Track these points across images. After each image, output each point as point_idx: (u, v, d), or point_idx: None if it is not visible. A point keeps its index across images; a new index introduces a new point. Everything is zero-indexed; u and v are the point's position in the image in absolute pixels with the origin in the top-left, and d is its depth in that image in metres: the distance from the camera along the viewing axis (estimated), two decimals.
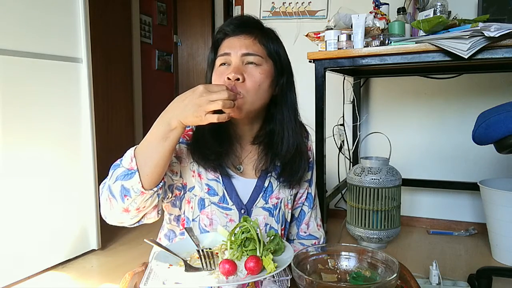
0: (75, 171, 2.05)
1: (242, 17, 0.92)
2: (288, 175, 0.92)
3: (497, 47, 1.46)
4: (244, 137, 0.93)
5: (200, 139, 0.87)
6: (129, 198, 0.74)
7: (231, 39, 0.86)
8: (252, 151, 0.93)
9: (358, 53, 1.67)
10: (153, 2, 3.99)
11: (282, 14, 2.72)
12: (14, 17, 1.74)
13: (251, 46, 0.85)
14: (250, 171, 0.92)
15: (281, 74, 0.90)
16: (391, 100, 2.56)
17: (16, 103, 1.76)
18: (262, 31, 0.89)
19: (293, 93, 0.92)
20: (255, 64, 0.84)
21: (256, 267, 0.63)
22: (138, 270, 0.82)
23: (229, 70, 0.83)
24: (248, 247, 0.67)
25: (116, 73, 3.32)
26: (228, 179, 0.89)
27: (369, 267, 0.72)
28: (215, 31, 0.91)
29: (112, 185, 0.75)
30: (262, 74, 0.84)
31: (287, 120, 0.90)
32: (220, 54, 0.86)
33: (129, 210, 0.76)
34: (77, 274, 1.90)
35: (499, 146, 1.38)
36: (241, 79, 0.81)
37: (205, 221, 0.87)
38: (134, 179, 0.73)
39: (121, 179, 0.73)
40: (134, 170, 0.73)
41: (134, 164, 0.73)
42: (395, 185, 2.01)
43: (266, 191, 0.92)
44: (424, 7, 1.87)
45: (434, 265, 1.60)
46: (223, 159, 0.88)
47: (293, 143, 0.90)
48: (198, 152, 0.87)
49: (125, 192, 0.74)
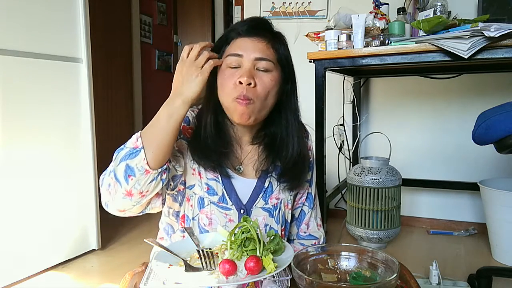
0: (75, 171, 2.05)
1: (257, 19, 0.90)
2: (290, 179, 0.92)
3: (497, 47, 1.46)
4: (244, 138, 0.93)
5: (200, 138, 0.87)
6: (133, 178, 0.74)
7: (245, 39, 0.85)
8: (252, 151, 0.93)
9: (358, 53, 1.67)
10: (153, 2, 3.98)
11: (282, 14, 2.72)
12: (14, 17, 1.74)
13: (264, 51, 0.84)
14: (249, 172, 0.92)
15: (287, 81, 0.90)
16: (391, 100, 2.56)
17: (16, 103, 1.76)
18: (274, 35, 0.88)
19: (295, 98, 0.92)
20: (266, 69, 0.84)
21: (256, 267, 0.63)
22: (138, 270, 0.82)
23: (240, 73, 0.82)
24: (248, 247, 0.67)
25: (116, 73, 3.32)
26: (228, 179, 0.89)
27: (369, 267, 0.72)
28: (227, 29, 0.89)
29: (116, 167, 0.75)
30: (272, 81, 0.84)
31: (292, 126, 0.91)
32: (231, 53, 0.84)
33: (132, 193, 0.75)
34: (77, 274, 1.90)
35: (499, 146, 1.37)
36: (253, 84, 0.81)
37: (204, 221, 0.87)
38: (139, 156, 0.74)
39: (125, 159, 0.75)
40: (139, 148, 0.75)
41: (140, 142, 0.75)
42: (395, 185, 2.01)
43: (266, 191, 0.92)
44: (424, 7, 1.87)
45: (434, 265, 1.60)
46: (223, 159, 0.88)
47: (297, 149, 0.90)
48: (198, 151, 0.87)
49: (129, 172, 0.74)
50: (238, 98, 0.81)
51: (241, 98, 0.80)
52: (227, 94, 0.83)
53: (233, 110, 0.83)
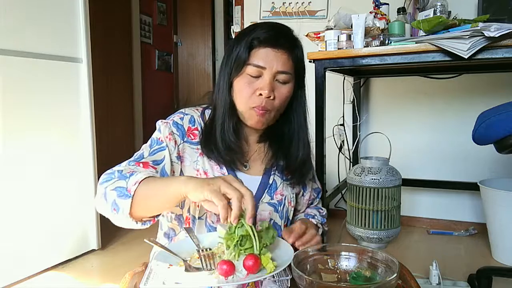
0: (75, 171, 2.05)
1: (280, 27, 0.89)
2: (298, 177, 0.97)
3: (497, 47, 1.45)
4: (251, 136, 0.96)
5: (214, 135, 0.89)
6: (116, 215, 0.74)
7: (268, 50, 0.84)
8: (258, 149, 0.96)
9: (358, 53, 1.67)
10: (153, 2, 3.99)
11: (282, 14, 2.72)
12: (14, 17, 1.74)
13: (285, 63, 0.85)
14: (255, 169, 0.95)
15: (299, 86, 0.93)
16: (391, 100, 2.56)
17: (16, 103, 1.76)
18: (294, 44, 0.89)
19: (305, 101, 0.96)
20: (285, 82, 0.86)
21: (255, 265, 0.63)
22: (138, 270, 0.82)
23: (261, 85, 0.84)
24: (244, 246, 0.67)
25: (116, 73, 3.32)
26: (234, 176, 0.90)
27: (369, 267, 0.72)
28: (251, 30, 0.87)
29: (109, 190, 0.74)
30: (289, 93, 0.88)
31: (302, 128, 0.94)
32: (254, 64, 0.84)
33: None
34: (77, 274, 1.90)
35: (499, 146, 1.37)
36: (272, 97, 0.84)
37: (213, 217, 0.88)
38: (126, 202, 0.72)
39: (117, 195, 0.73)
40: (129, 194, 0.71)
41: (134, 189, 0.71)
42: (395, 185, 2.01)
43: (271, 187, 0.94)
44: (424, 7, 1.87)
45: (434, 265, 1.60)
46: (233, 156, 0.90)
47: (308, 150, 0.95)
48: (212, 146, 0.88)
49: (115, 207, 0.73)
50: (256, 108, 0.84)
51: (259, 108, 0.84)
52: (244, 101, 0.86)
53: (249, 116, 0.87)
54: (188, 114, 0.92)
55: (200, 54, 4.50)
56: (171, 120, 0.90)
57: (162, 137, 0.87)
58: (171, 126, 0.89)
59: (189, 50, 4.51)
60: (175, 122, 0.90)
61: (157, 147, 0.86)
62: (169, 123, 0.90)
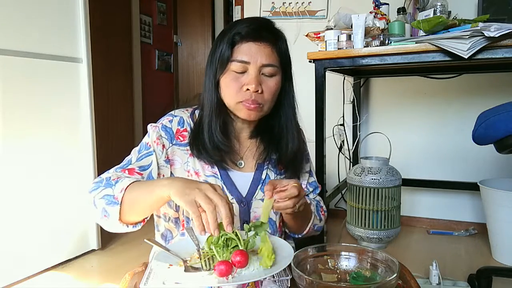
0: (75, 171, 2.05)
1: (260, 20, 0.90)
2: (291, 170, 0.96)
3: (497, 47, 1.46)
4: (242, 133, 0.95)
5: (203, 134, 0.88)
6: (107, 220, 0.77)
7: (251, 45, 0.84)
8: (250, 145, 0.96)
9: (358, 53, 1.67)
10: (153, 2, 3.98)
11: (282, 14, 2.72)
12: (14, 17, 1.74)
13: (269, 56, 0.85)
14: (249, 165, 0.95)
15: (286, 79, 0.92)
16: (391, 100, 2.55)
17: (16, 103, 1.76)
18: (277, 36, 0.89)
19: (293, 93, 0.95)
20: (271, 74, 0.86)
21: (244, 260, 0.64)
22: (138, 270, 0.82)
23: (247, 80, 0.84)
24: (232, 245, 0.67)
25: (116, 73, 3.32)
26: (226, 174, 0.91)
27: (369, 267, 0.72)
28: (232, 27, 0.87)
29: (98, 199, 0.77)
30: (276, 85, 0.87)
31: (291, 121, 0.94)
32: (237, 59, 0.84)
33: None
34: (77, 274, 1.90)
35: (499, 146, 1.37)
36: (260, 91, 0.84)
37: None
38: (115, 209, 0.75)
39: (105, 203, 0.76)
40: (117, 202, 0.75)
41: (120, 196, 0.75)
42: (395, 185, 2.01)
43: (264, 183, 0.94)
44: (424, 7, 1.87)
45: (434, 265, 1.60)
46: (224, 154, 0.89)
47: (297, 143, 0.94)
48: (200, 147, 0.88)
49: (105, 213, 0.77)
50: (245, 102, 0.84)
51: (250, 102, 0.84)
52: (231, 96, 0.85)
53: (239, 110, 0.86)
54: (177, 116, 0.93)
55: (200, 54, 4.50)
56: (160, 124, 0.91)
57: (150, 142, 0.88)
58: (159, 130, 0.89)
59: (189, 50, 4.51)
60: (163, 125, 0.91)
61: (145, 152, 0.88)
62: (158, 126, 0.90)
